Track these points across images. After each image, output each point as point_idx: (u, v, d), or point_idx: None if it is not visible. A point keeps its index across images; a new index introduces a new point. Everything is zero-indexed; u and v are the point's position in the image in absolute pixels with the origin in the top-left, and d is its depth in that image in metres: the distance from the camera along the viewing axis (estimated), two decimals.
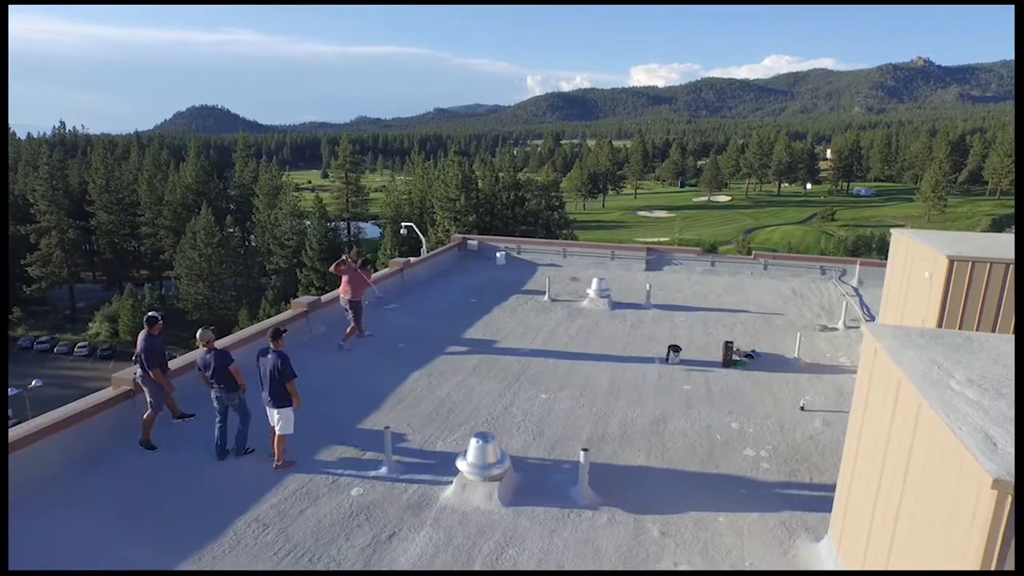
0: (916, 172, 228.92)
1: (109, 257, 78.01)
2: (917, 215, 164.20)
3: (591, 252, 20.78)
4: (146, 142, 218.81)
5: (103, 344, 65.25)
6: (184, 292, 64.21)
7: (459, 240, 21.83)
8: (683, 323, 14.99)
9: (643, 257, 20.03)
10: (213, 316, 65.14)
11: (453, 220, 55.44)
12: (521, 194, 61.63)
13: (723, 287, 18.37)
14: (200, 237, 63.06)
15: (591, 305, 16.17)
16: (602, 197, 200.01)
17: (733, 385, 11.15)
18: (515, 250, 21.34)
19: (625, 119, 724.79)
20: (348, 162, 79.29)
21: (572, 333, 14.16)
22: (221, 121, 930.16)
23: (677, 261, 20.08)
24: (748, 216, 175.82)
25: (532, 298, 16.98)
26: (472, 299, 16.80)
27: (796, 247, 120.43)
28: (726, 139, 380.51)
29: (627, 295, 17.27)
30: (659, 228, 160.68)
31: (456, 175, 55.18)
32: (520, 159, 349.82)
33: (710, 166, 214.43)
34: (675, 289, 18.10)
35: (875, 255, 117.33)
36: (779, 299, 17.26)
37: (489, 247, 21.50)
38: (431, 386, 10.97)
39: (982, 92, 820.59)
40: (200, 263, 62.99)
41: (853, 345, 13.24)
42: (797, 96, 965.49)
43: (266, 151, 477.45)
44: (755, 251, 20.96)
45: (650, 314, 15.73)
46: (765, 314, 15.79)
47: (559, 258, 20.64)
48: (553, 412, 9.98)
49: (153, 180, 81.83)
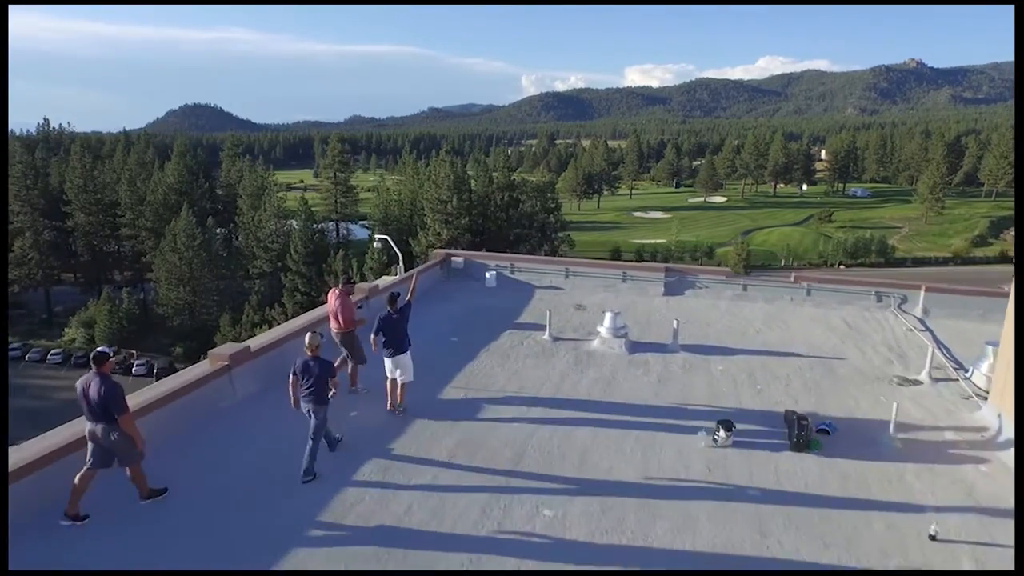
0: (912, 173, 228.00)
1: (87, 259, 74.77)
2: (915, 216, 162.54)
3: (599, 273, 17.40)
4: (134, 140, 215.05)
5: (79, 351, 62.01)
6: (164, 296, 61.12)
7: (441, 257, 18.02)
8: (723, 374, 11.76)
9: (661, 279, 16.63)
10: (195, 321, 62.18)
11: (444, 223, 52.63)
12: (515, 195, 58.87)
13: (760, 317, 15.24)
14: (180, 239, 59.96)
15: (604, 347, 12.87)
16: (597, 198, 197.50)
17: (816, 484, 7.97)
18: (507, 269, 17.58)
19: (620, 119, 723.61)
20: (337, 161, 76.17)
21: (582, 391, 10.89)
22: (214, 119, 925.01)
23: (702, 284, 16.67)
24: (745, 217, 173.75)
25: (529, 335, 13.56)
26: (453, 337, 13.49)
27: (794, 249, 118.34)
28: (721, 140, 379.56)
29: (646, 331, 13.99)
30: (655, 229, 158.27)
31: (447, 176, 52.27)
32: (514, 159, 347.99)
33: (706, 167, 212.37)
34: (703, 321, 14.85)
35: (874, 257, 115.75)
36: (832, 335, 14.07)
37: (477, 265, 17.84)
38: (383, 500, 7.47)
39: (974, 94, 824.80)
40: (180, 267, 59.91)
41: (953, 409, 10.18)
42: (791, 97, 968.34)
43: (259, 150, 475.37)
44: (796, 274, 17.37)
45: (679, 360, 12.47)
46: (822, 358, 12.62)
47: (560, 279, 17.16)
48: (563, 549, 6.74)
49: (135, 180, 78.61)
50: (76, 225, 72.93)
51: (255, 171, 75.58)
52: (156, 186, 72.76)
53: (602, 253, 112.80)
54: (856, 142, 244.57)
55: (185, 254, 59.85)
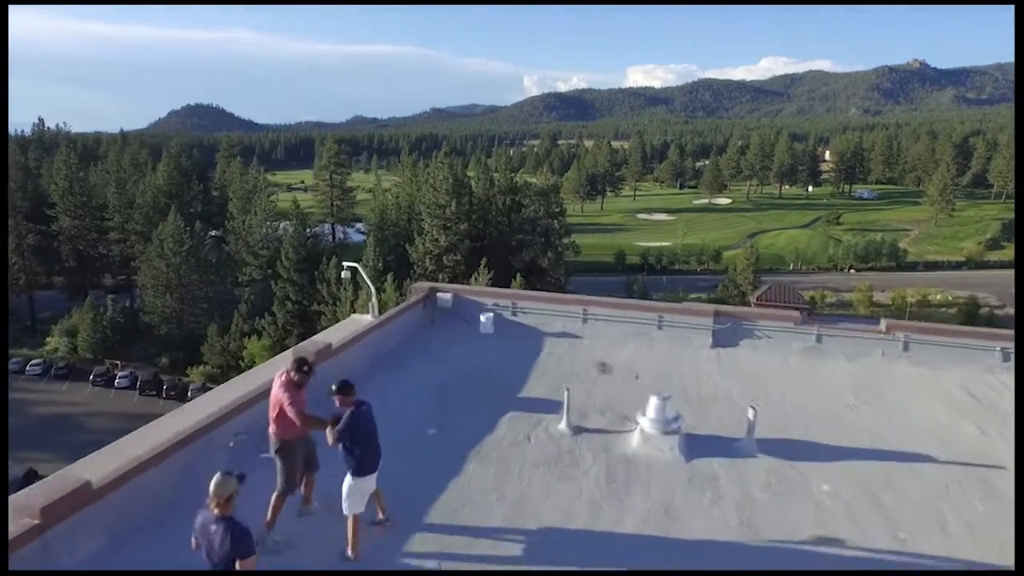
0: (919, 175, 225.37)
1: (73, 265, 72.15)
2: (924, 219, 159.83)
3: (627, 316, 13.07)
4: (131, 141, 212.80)
5: (60, 362, 59.00)
6: (150, 304, 58.50)
7: (424, 292, 14.01)
8: (832, 499, 7.90)
9: (708, 326, 12.55)
10: (183, 330, 59.58)
11: (442, 228, 49.98)
12: (518, 199, 56.24)
13: (848, 384, 11.38)
14: (168, 245, 57.37)
15: (648, 448, 8.85)
16: (600, 199, 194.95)
17: None
18: (508, 309, 13.57)
19: (622, 119, 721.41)
20: (332, 163, 73.54)
21: (623, 540, 7.07)
22: (216, 120, 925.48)
23: (761, 332, 12.52)
24: (750, 219, 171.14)
25: (538, 423, 9.62)
26: (430, 428, 9.41)
27: (802, 253, 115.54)
28: (724, 140, 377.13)
29: (702, 413, 10.02)
30: (660, 231, 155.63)
31: (446, 179, 49.59)
32: (516, 160, 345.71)
33: (711, 168, 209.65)
34: (776, 392, 10.87)
35: (885, 261, 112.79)
36: (962, 418, 10.13)
37: (469, 304, 13.77)
38: None
39: (977, 95, 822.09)
40: (167, 273, 57.31)
41: None
42: (794, 98, 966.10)
43: (260, 150, 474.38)
44: (887, 321, 13.18)
45: (760, 472, 8.48)
46: (969, 466, 8.70)
47: (576, 323, 13.09)
48: None
49: (124, 182, 76.07)
50: (61, 229, 70.37)
51: (247, 173, 72.65)
52: (146, 188, 70.17)
53: (606, 256, 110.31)
54: (863, 143, 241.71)
55: (172, 260, 57.26)
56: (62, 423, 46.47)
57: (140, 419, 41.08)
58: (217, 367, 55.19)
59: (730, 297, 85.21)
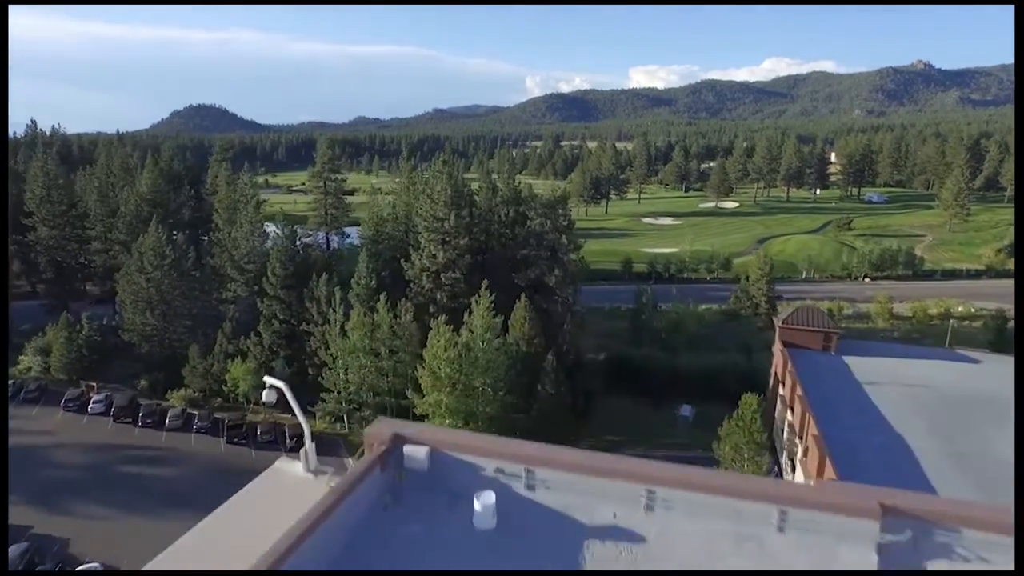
0: (928, 178, 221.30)
1: (51, 276, 68.24)
2: (937, 224, 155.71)
3: (722, 506, 7.09)
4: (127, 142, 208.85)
5: (32, 383, 54.02)
6: (129, 321, 54.68)
7: (385, 445, 7.98)
8: None
9: (869, 531, 6.58)
10: (164, 349, 55.74)
11: (440, 243, 46.11)
12: (522, 210, 52.38)
13: None
14: (148, 259, 53.56)
15: None
16: (605, 203, 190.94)
17: None
18: (519, 479, 7.81)
19: (625, 120, 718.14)
20: (327, 169, 69.61)
21: None
22: (218, 121, 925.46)
23: (962, 548, 6.47)
24: (758, 224, 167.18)
25: None
26: None
27: (815, 260, 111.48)
28: (729, 142, 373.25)
29: None
30: (667, 236, 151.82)
31: (444, 189, 45.66)
32: (519, 161, 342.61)
33: (717, 171, 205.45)
34: None
35: (901, 269, 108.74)
36: None
37: (455, 466, 8.05)
38: None
39: (982, 96, 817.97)
40: (147, 289, 53.50)
41: None
42: (797, 99, 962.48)
43: (261, 151, 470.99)
44: None
45: None
46: None
47: (635, 512, 7.36)
48: None
49: (106, 189, 72.28)
50: (38, 239, 66.50)
51: (236, 179, 68.21)
52: (129, 196, 66.32)
53: (612, 263, 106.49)
54: (871, 145, 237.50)
55: (153, 275, 53.42)
56: (26, 456, 42.71)
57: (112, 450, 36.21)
58: (199, 391, 51.47)
59: (743, 309, 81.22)
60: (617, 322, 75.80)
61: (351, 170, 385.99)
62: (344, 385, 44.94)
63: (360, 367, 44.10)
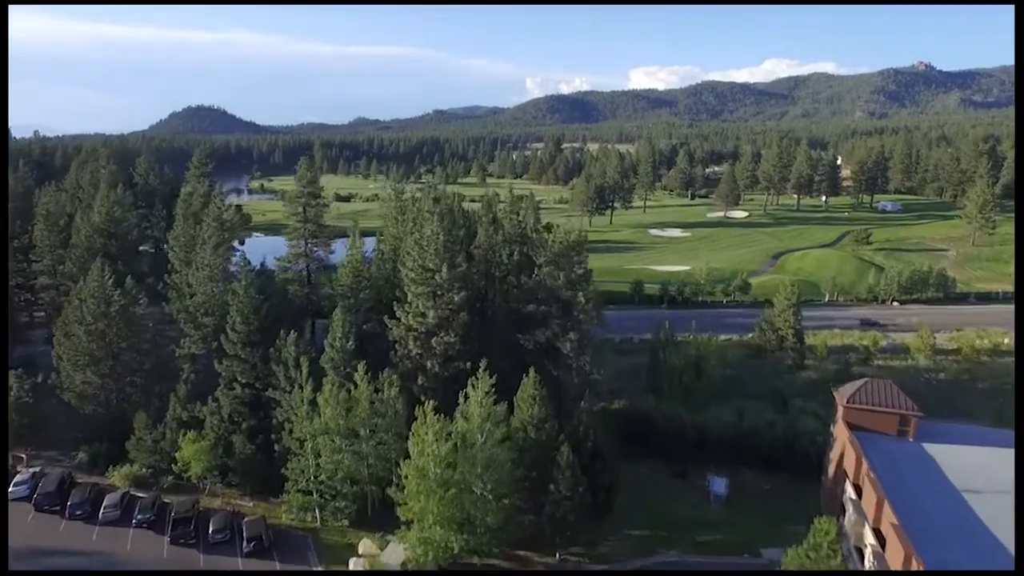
0: (941, 184, 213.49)
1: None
2: (958, 236, 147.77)
3: None
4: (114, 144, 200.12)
5: None
6: (68, 379, 46.63)
7: None
8: None
9: None
10: (109, 411, 47.61)
11: (431, 297, 38.14)
12: (527, 251, 44.45)
13: None
14: (88, 307, 45.56)
15: None
16: (610, 213, 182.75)
17: None
18: None
19: (625, 122, 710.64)
20: (306, 192, 61.26)
21: None
22: (218, 122, 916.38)
23: None
24: (770, 236, 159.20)
25: None
26: None
27: (838, 281, 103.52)
28: (734, 146, 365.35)
29: None
30: (676, 251, 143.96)
31: (436, 235, 37.50)
32: (520, 165, 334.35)
33: (726, 179, 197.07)
34: None
35: (932, 292, 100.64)
36: None
37: None
38: None
39: (984, 97, 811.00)
40: (87, 343, 45.43)
41: None
42: (798, 100, 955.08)
43: (257, 154, 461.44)
44: None
45: None
46: None
47: None
48: None
49: (59, 215, 64.16)
50: None
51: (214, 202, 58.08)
52: (80, 226, 58.16)
53: (621, 285, 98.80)
54: (884, 151, 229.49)
55: (94, 326, 45.35)
56: None
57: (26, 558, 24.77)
58: (146, 467, 43.49)
59: (768, 342, 73.22)
60: (630, 358, 68.00)
61: (348, 174, 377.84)
62: (314, 472, 37.06)
63: (334, 450, 36.23)
